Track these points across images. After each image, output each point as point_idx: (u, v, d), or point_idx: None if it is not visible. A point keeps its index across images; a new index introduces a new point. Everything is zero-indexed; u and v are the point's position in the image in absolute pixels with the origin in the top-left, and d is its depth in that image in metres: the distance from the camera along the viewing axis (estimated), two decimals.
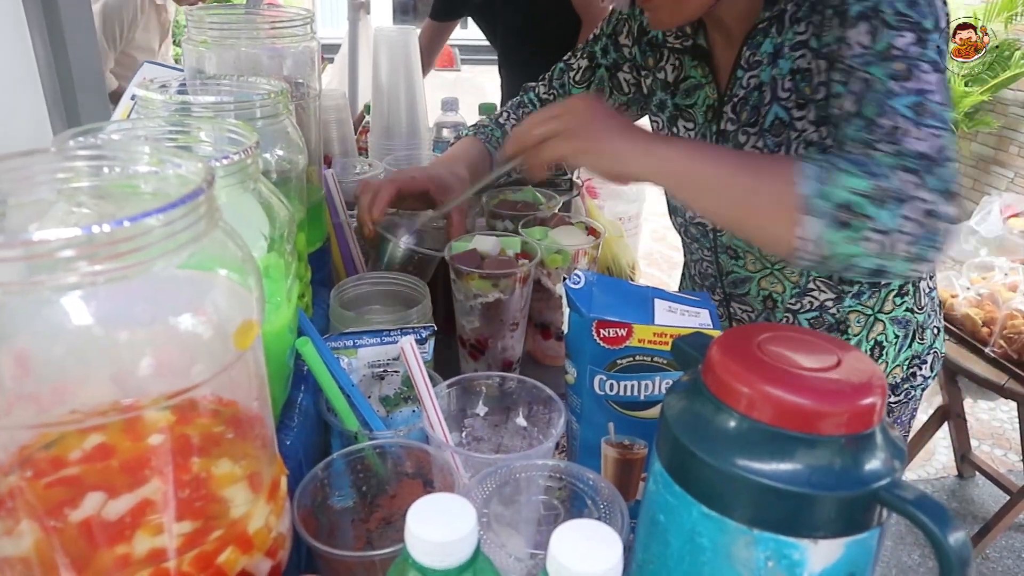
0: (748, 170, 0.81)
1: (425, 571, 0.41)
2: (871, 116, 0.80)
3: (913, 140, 0.77)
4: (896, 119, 0.78)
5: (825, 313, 1.09)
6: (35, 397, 0.39)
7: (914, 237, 0.74)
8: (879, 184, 0.74)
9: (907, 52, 0.79)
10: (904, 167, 0.75)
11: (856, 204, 0.74)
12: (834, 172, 0.75)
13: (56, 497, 0.41)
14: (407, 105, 1.39)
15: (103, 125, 0.58)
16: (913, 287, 1.10)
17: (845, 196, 0.74)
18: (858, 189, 0.74)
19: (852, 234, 0.74)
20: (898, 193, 0.73)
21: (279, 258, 0.64)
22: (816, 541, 0.44)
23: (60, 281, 0.36)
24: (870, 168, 0.75)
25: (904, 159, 0.76)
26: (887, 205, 0.73)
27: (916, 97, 0.78)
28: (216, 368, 0.43)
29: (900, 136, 0.77)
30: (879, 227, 0.73)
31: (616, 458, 0.72)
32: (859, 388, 0.45)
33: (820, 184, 0.75)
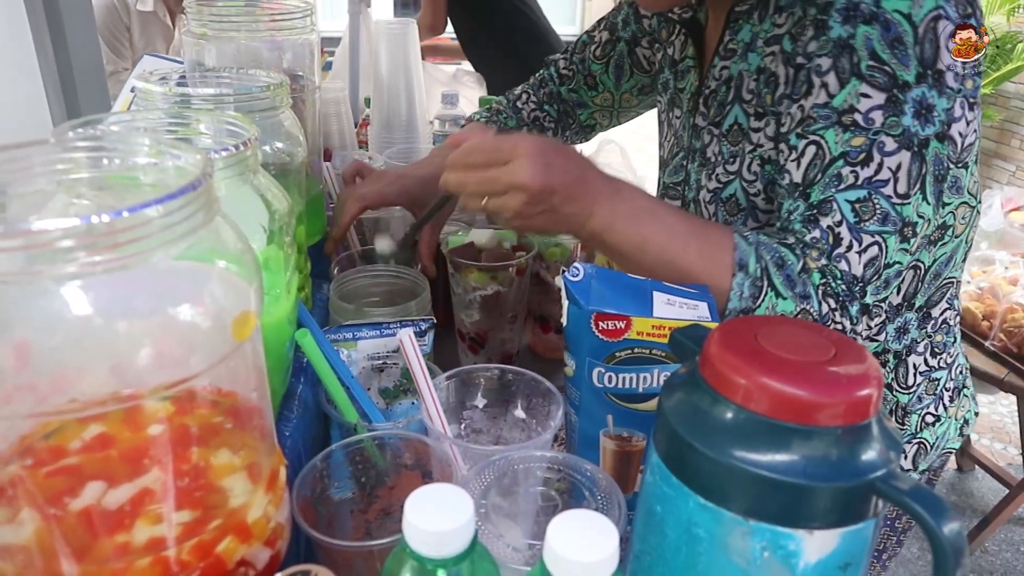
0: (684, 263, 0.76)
1: (422, 560, 0.41)
2: (814, 202, 0.75)
3: (846, 254, 0.73)
4: (835, 220, 0.73)
5: None
6: (34, 387, 0.39)
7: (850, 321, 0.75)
8: (805, 308, 0.74)
9: (869, 121, 0.72)
10: (828, 291, 0.74)
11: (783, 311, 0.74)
12: (763, 292, 0.74)
13: (56, 486, 0.42)
14: (407, 98, 1.39)
15: (102, 117, 0.58)
16: (896, 359, 0.95)
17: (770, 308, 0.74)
18: (783, 311, 0.74)
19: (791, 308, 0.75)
20: (821, 319, 0.74)
21: (278, 250, 0.64)
22: (812, 532, 0.44)
23: (59, 271, 0.36)
24: (802, 290, 0.74)
25: (833, 281, 0.74)
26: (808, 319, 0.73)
27: (863, 191, 0.72)
28: (214, 359, 0.43)
29: (835, 248, 0.74)
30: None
31: (614, 450, 0.72)
32: (855, 379, 0.45)
33: (750, 303, 0.74)
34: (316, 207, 1.01)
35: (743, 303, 0.74)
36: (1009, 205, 4.06)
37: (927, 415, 0.99)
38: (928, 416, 0.99)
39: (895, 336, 0.94)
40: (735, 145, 0.90)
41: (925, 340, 0.96)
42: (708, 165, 0.96)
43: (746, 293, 0.74)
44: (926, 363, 0.97)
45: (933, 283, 0.91)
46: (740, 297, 0.74)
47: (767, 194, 0.87)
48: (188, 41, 0.84)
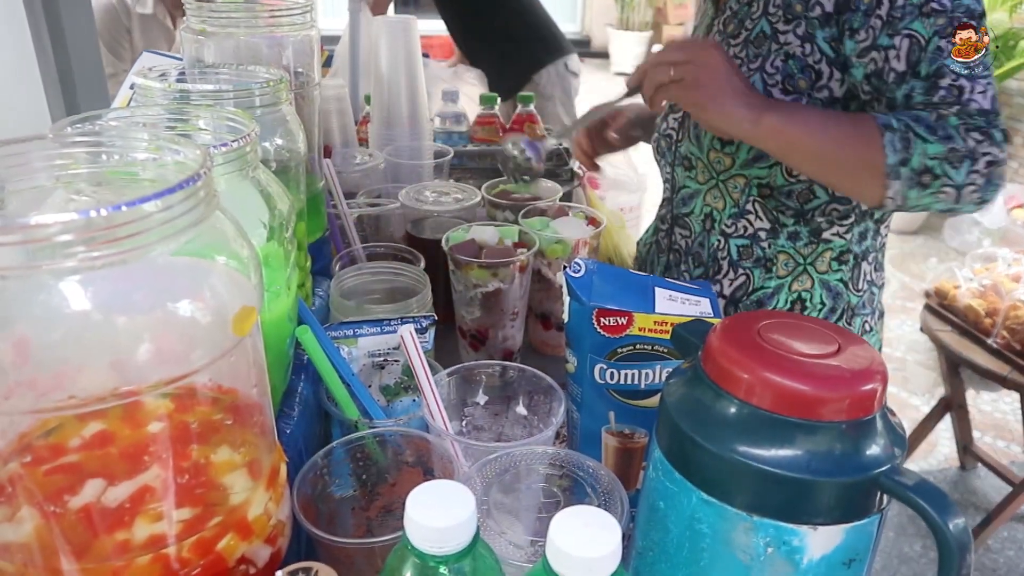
0: (842, 141, 0.88)
1: (424, 557, 0.41)
2: (928, 76, 0.86)
3: (974, 97, 0.84)
4: (952, 78, 0.84)
5: (756, 244, 1.07)
6: (34, 383, 0.39)
7: (980, 187, 0.84)
8: (953, 147, 0.82)
9: (943, 5, 0.84)
10: (971, 126, 0.83)
11: (934, 168, 0.83)
12: (913, 141, 0.83)
13: (56, 484, 0.41)
14: (408, 95, 1.38)
15: (101, 113, 0.58)
16: (854, 260, 1.08)
17: (925, 163, 0.83)
18: (935, 154, 0.82)
19: (930, 191, 0.84)
20: (971, 153, 0.82)
21: (279, 246, 0.64)
22: (816, 527, 0.44)
23: (58, 266, 0.36)
24: (943, 132, 0.83)
25: (971, 119, 0.84)
26: (960, 165, 0.82)
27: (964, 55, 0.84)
28: (214, 354, 0.43)
29: (961, 96, 0.84)
30: (952, 183, 0.83)
31: (616, 447, 0.72)
32: (859, 374, 0.45)
33: (903, 154, 0.83)
34: (316, 204, 1.01)
35: (898, 155, 0.84)
36: (1012, 202, 4.06)
37: (866, 323, 1.12)
38: (867, 324, 1.12)
39: (858, 239, 1.07)
40: (759, 48, 1.01)
41: (874, 252, 1.11)
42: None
43: (898, 145, 0.84)
44: (871, 274, 1.11)
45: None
46: (895, 150, 0.84)
47: (784, 85, 0.98)
48: (187, 37, 0.84)
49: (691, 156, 1.11)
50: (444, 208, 1.14)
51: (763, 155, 1.02)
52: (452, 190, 1.19)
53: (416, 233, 1.15)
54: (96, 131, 0.51)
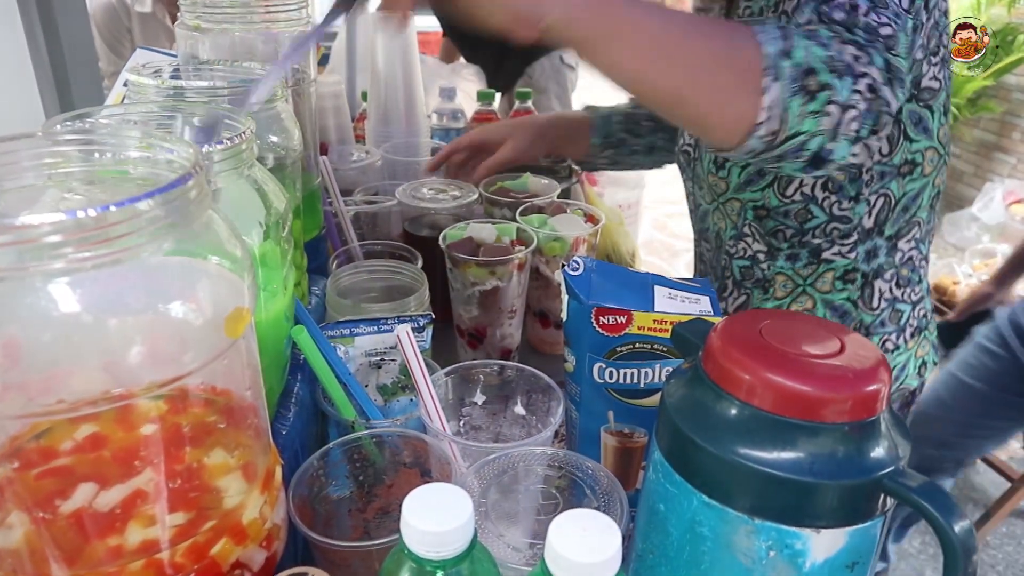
0: (701, 31, 0.72)
1: (421, 562, 0.41)
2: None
3: (864, 17, 0.73)
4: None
5: (756, 265, 1.06)
6: (24, 386, 0.38)
7: (861, 114, 0.70)
8: (832, 55, 0.69)
9: None
10: (853, 42, 0.71)
11: (820, 71, 0.69)
12: (794, 35, 0.70)
13: (47, 488, 0.41)
14: (405, 92, 1.38)
15: (94, 110, 0.57)
16: (863, 278, 1.02)
17: (810, 61, 0.69)
18: (818, 56, 0.69)
19: (813, 106, 0.69)
20: (849, 67, 0.69)
21: (275, 245, 0.63)
22: (819, 530, 0.43)
23: (47, 267, 0.35)
24: (821, 39, 0.70)
25: (854, 34, 0.72)
26: (843, 77, 0.69)
27: None
28: (207, 356, 0.42)
29: (852, 11, 0.73)
30: (837, 99, 0.69)
31: (616, 447, 0.71)
32: (863, 374, 0.44)
33: (782, 43, 0.69)
34: (313, 202, 1.00)
35: (777, 44, 0.69)
36: (1010, 198, 4.06)
37: (887, 341, 1.06)
38: (888, 343, 1.06)
39: (865, 257, 1.01)
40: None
41: (892, 269, 1.03)
42: None
43: (775, 34, 0.69)
44: (891, 291, 1.04)
45: (902, 216, 1.00)
46: (772, 39, 0.69)
47: None
48: (182, 34, 0.83)
49: (701, 175, 1.11)
50: (441, 205, 1.13)
51: (754, 178, 0.99)
52: (449, 187, 1.18)
53: (413, 231, 1.14)
54: (87, 129, 0.50)
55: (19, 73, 1.10)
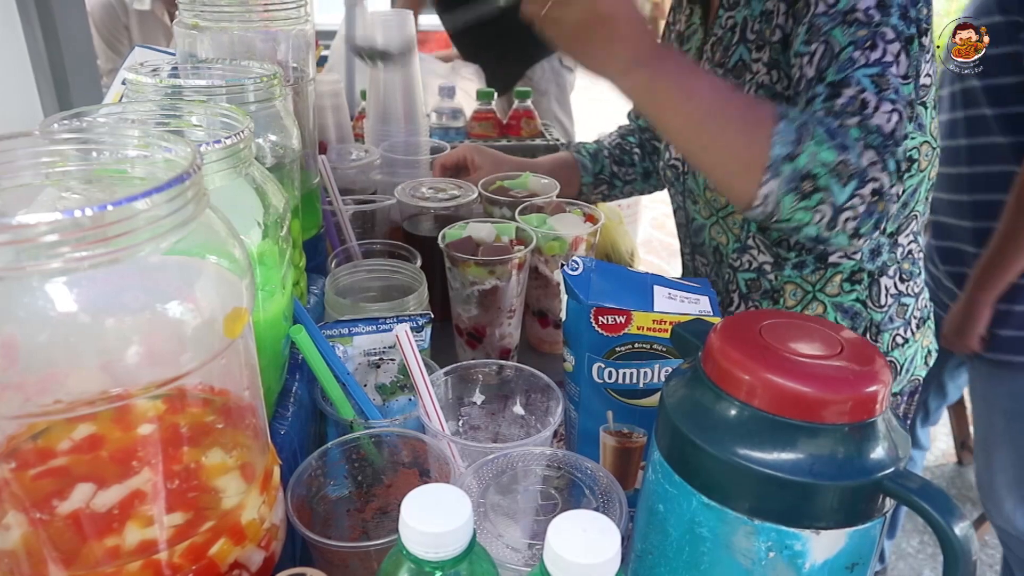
0: (725, 117, 0.80)
1: (420, 563, 0.41)
2: (834, 82, 0.80)
3: (876, 115, 0.77)
4: (858, 89, 0.78)
5: (763, 277, 1.06)
6: (21, 386, 0.38)
7: (859, 215, 0.77)
8: (846, 159, 0.75)
9: (870, 17, 0.79)
10: (868, 144, 0.76)
11: (820, 176, 0.76)
12: (807, 140, 0.76)
13: (44, 489, 0.41)
14: (403, 91, 1.37)
15: (91, 109, 0.57)
16: (869, 277, 1.03)
17: (811, 167, 0.76)
18: (826, 162, 0.75)
19: (807, 203, 0.77)
20: (861, 173, 0.76)
21: (274, 245, 0.63)
22: (818, 532, 0.43)
23: (44, 267, 0.35)
24: (841, 141, 0.76)
25: (869, 135, 0.77)
26: (848, 183, 0.76)
27: (877, 68, 0.78)
28: (205, 356, 0.42)
29: (864, 109, 0.78)
30: (832, 201, 0.76)
31: (615, 447, 0.71)
32: (863, 375, 0.44)
33: (792, 148, 0.76)
34: (311, 201, 1.00)
35: (787, 148, 0.76)
36: None
37: (897, 336, 1.08)
38: (898, 337, 1.08)
39: (869, 256, 1.03)
40: (738, 78, 0.98)
41: (895, 265, 1.05)
42: None
43: (790, 137, 0.76)
44: (895, 287, 1.06)
45: (902, 212, 1.01)
46: (784, 142, 0.76)
47: None
48: (180, 32, 0.83)
49: (695, 190, 1.11)
50: (441, 204, 1.13)
51: None
52: (448, 186, 1.18)
53: (412, 230, 1.14)
54: (83, 127, 0.50)
55: (18, 72, 1.10)
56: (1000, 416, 1.61)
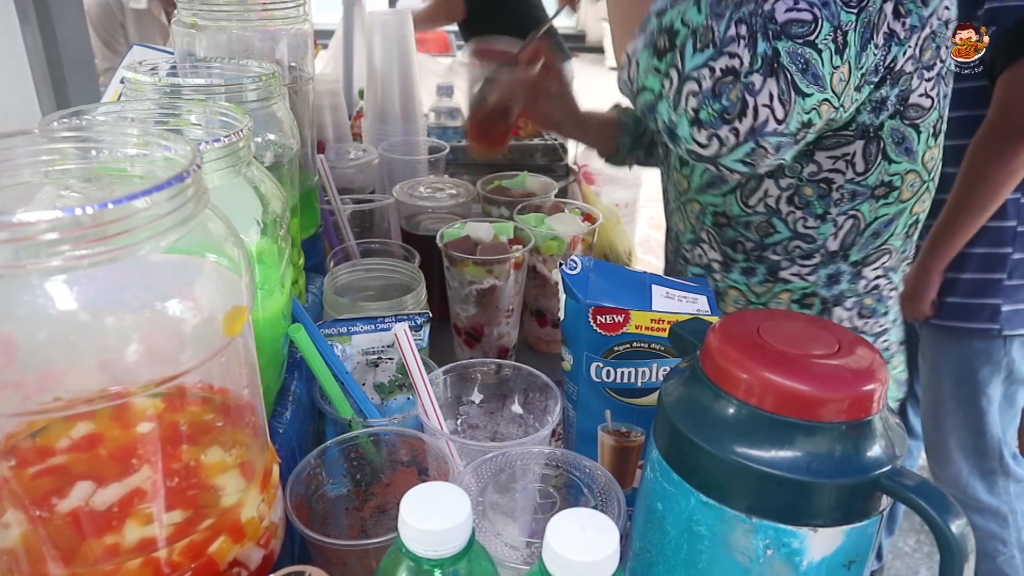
0: None
1: (419, 561, 0.41)
2: None
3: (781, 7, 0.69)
4: None
5: (710, 275, 1.01)
6: (21, 384, 0.38)
7: (702, 92, 0.69)
8: (711, 24, 0.69)
9: None
10: (747, 20, 0.69)
11: (679, 34, 0.71)
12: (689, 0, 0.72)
13: (43, 487, 0.41)
14: (401, 90, 1.38)
15: (90, 107, 0.57)
16: (821, 304, 0.96)
17: (674, 22, 0.71)
18: (690, 21, 0.71)
19: (658, 64, 0.72)
20: (720, 40, 0.69)
21: (272, 244, 0.63)
22: (816, 529, 0.43)
23: (44, 265, 0.35)
24: (720, 10, 0.70)
25: (754, 14, 0.69)
26: (703, 50, 0.69)
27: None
28: (205, 354, 0.42)
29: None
30: (679, 67, 0.70)
31: (613, 446, 0.71)
32: (860, 374, 0.44)
33: (667, 3, 0.73)
34: (310, 200, 1.00)
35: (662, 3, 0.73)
36: None
37: None
38: None
39: (826, 282, 0.95)
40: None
41: (854, 297, 0.97)
42: None
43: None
44: (852, 322, 0.98)
45: (872, 242, 0.92)
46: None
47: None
48: (178, 31, 0.83)
49: (673, 169, 1.06)
50: (439, 204, 1.13)
51: (716, 181, 0.94)
52: (447, 186, 1.18)
53: (411, 229, 1.14)
54: (83, 126, 0.50)
55: (15, 71, 1.10)
56: (948, 380, 1.66)
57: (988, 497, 1.68)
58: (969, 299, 1.56)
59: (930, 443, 1.78)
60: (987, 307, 1.55)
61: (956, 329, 1.60)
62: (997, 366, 1.58)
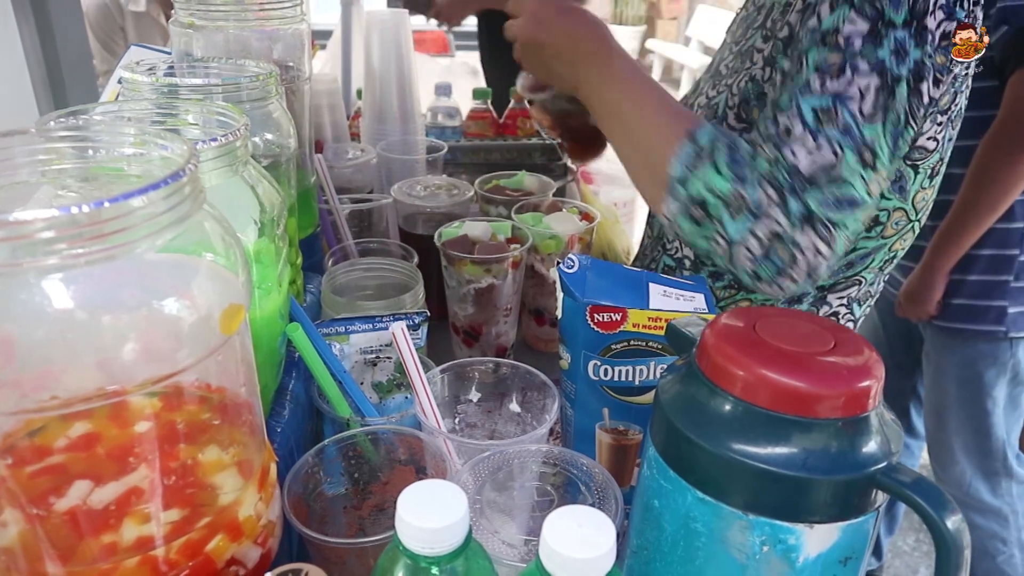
0: (650, 122, 0.79)
1: (416, 558, 0.41)
2: (779, 108, 0.73)
3: (797, 151, 0.71)
4: (793, 121, 0.71)
5: (680, 270, 1.01)
6: (18, 383, 0.38)
7: (755, 258, 0.72)
8: (739, 191, 0.71)
9: (850, 43, 0.70)
10: (772, 180, 0.71)
11: (711, 205, 0.72)
12: (704, 164, 0.72)
13: (41, 486, 0.41)
14: (399, 89, 1.38)
15: (88, 107, 0.57)
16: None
17: (702, 193, 0.72)
18: (717, 190, 0.72)
19: (702, 231, 0.74)
20: (756, 209, 0.70)
21: (270, 243, 0.63)
22: (812, 526, 0.43)
23: (40, 263, 0.35)
24: (741, 171, 0.71)
25: (777, 170, 0.71)
26: (739, 216, 0.71)
27: (827, 100, 0.70)
28: (201, 353, 0.42)
29: (785, 142, 0.71)
30: (724, 235, 0.72)
31: (611, 444, 0.72)
32: (855, 370, 0.44)
33: (686, 171, 0.73)
34: (308, 200, 1.00)
35: (682, 170, 0.74)
36: None
37: None
38: None
39: (787, 301, 0.94)
40: (742, 63, 0.92)
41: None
42: (717, 76, 0.98)
43: (688, 160, 0.74)
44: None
45: (844, 271, 0.91)
46: (681, 163, 0.74)
47: (739, 111, 0.88)
48: (176, 31, 0.83)
49: None
50: (437, 203, 1.13)
51: None
52: (445, 185, 1.18)
53: (409, 228, 1.14)
54: (79, 125, 0.50)
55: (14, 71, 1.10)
56: (953, 382, 1.65)
57: (991, 498, 1.68)
58: (975, 301, 1.55)
59: (933, 444, 1.78)
60: (993, 309, 1.54)
61: (962, 331, 1.59)
62: (1003, 368, 1.58)
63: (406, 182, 1.18)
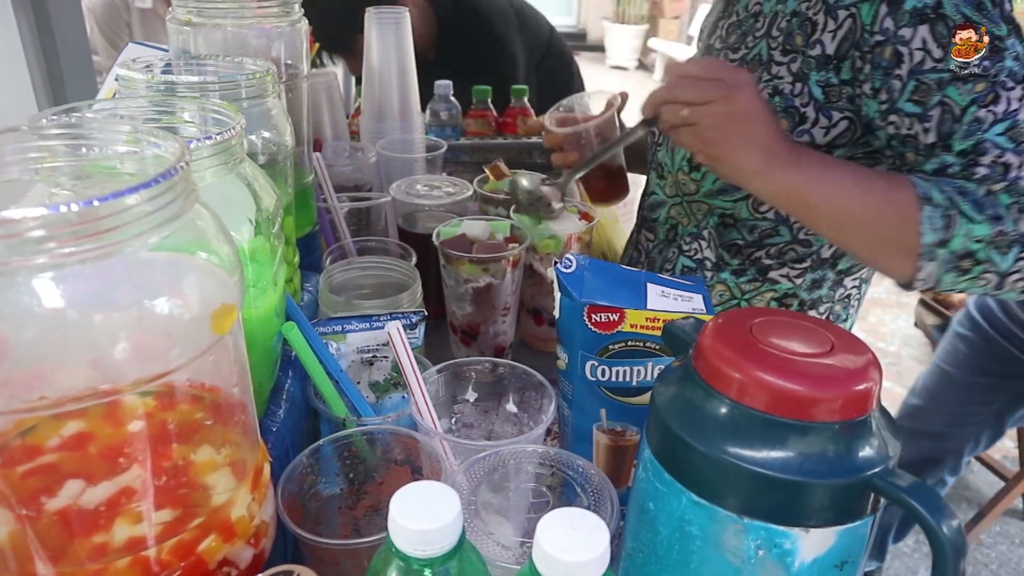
0: (871, 211, 0.79)
1: (408, 560, 0.40)
2: (966, 150, 0.77)
3: (1021, 173, 0.75)
4: (996, 154, 0.76)
5: (701, 270, 1.04)
6: (9, 382, 0.38)
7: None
8: (1002, 230, 0.74)
9: (985, 69, 0.75)
10: (1022, 207, 0.74)
11: (979, 252, 0.75)
12: (957, 219, 0.74)
13: (33, 486, 0.40)
14: (399, 87, 1.37)
15: (82, 105, 0.56)
16: (800, 306, 1.01)
17: (967, 246, 0.74)
18: (981, 237, 0.74)
19: (969, 276, 0.76)
20: (1020, 237, 0.74)
21: (266, 241, 0.63)
22: (808, 530, 0.43)
23: (31, 262, 0.35)
24: (993, 211, 0.74)
25: (1021, 197, 0.74)
26: (1009, 251, 0.74)
27: (1008, 122, 0.75)
28: (194, 352, 0.42)
29: (1008, 173, 0.75)
30: (996, 270, 0.75)
31: (608, 444, 0.71)
32: (853, 373, 0.44)
33: (942, 234, 0.75)
34: (306, 198, 0.99)
35: (937, 235, 0.75)
36: None
37: None
38: None
39: (809, 286, 1.00)
40: (752, 73, 0.92)
41: (828, 304, 1.02)
42: None
43: (938, 223, 0.75)
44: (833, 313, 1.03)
45: None
46: (933, 229, 0.75)
47: None
48: (173, 28, 0.83)
49: (664, 166, 1.08)
50: (436, 202, 1.13)
51: (728, 188, 0.96)
52: (444, 184, 1.18)
53: (407, 227, 1.14)
54: (72, 123, 0.50)
55: (13, 68, 1.10)
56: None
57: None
58: None
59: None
60: None
61: None
62: None
63: (405, 180, 1.18)
